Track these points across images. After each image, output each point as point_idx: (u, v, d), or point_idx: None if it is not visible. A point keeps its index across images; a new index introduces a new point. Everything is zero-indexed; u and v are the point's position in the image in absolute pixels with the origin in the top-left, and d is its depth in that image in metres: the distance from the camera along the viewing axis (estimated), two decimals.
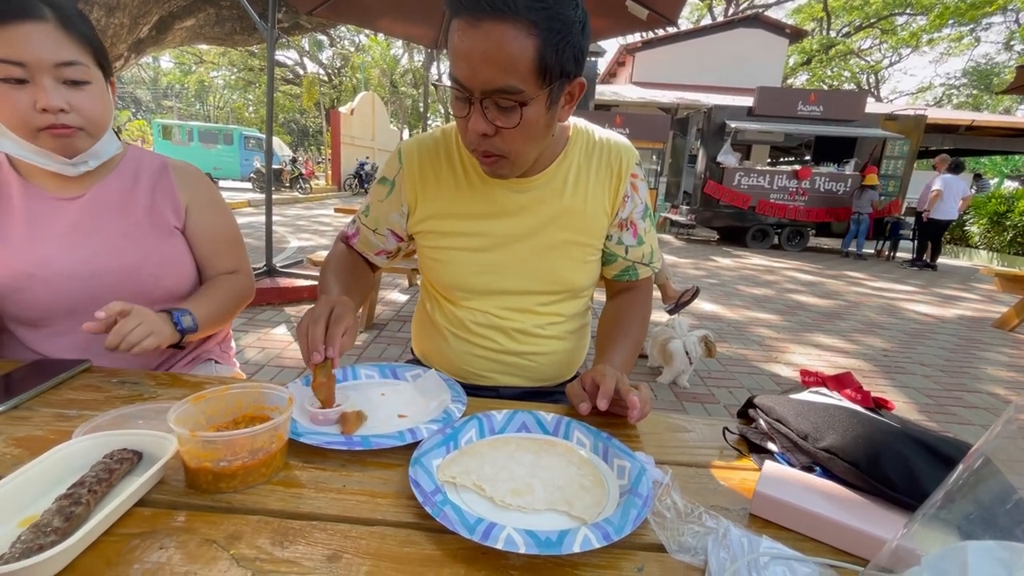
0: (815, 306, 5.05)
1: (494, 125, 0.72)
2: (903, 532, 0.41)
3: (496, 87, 0.68)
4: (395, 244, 1.01)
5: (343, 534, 0.49)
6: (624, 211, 0.93)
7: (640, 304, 1.00)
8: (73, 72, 0.78)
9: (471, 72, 0.68)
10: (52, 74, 0.76)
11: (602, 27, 3.45)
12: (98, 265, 0.90)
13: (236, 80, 32.13)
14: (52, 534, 0.43)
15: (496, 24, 0.65)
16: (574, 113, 0.84)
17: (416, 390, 0.82)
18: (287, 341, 3.12)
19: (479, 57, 0.67)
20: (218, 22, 4.40)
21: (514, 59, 0.66)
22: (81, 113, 0.80)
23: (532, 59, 0.67)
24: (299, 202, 13.82)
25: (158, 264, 0.95)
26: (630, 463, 0.60)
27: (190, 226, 1.01)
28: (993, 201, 9.43)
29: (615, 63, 20.30)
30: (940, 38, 24.79)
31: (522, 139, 0.75)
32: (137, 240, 0.93)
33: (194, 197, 1.02)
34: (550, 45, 0.67)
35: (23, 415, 0.68)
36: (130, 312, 0.79)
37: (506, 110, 0.71)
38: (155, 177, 0.98)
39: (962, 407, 2.78)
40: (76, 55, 0.78)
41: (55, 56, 0.76)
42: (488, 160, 0.78)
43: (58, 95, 0.77)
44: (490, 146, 0.75)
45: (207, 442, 0.54)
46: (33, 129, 0.78)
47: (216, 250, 1.04)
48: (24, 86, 0.75)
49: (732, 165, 9.44)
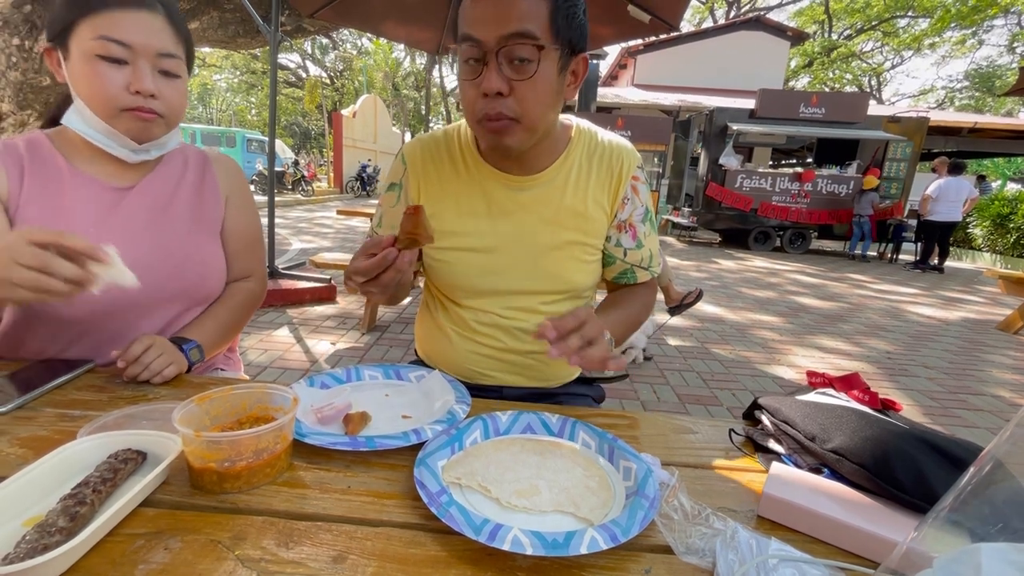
0: (818, 308, 5.03)
1: (508, 82, 0.73)
2: (914, 534, 0.41)
3: (514, 30, 0.70)
4: None
5: (348, 535, 0.49)
6: (623, 213, 0.93)
7: (640, 293, 0.99)
8: (169, 64, 0.82)
9: (486, 23, 0.70)
10: (152, 62, 0.80)
11: (606, 34, 3.46)
12: (150, 261, 0.88)
13: (239, 83, 32.30)
14: (57, 534, 0.43)
15: None
16: (577, 115, 0.84)
17: (420, 391, 0.82)
18: (290, 343, 3.12)
19: (493, 7, 0.70)
20: (221, 25, 4.42)
21: (530, 9, 0.70)
22: (166, 102, 0.83)
23: (547, 14, 0.71)
24: (301, 204, 13.85)
25: (202, 263, 0.95)
26: (636, 464, 0.60)
27: (224, 222, 1.01)
28: (996, 203, 9.40)
29: (616, 66, 20.33)
30: (942, 41, 24.78)
31: (534, 99, 0.75)
32: (183, 238, 0.93)
33: (232, 192, 1.03)
34: (561, 9, 0.72)
35: (28, 415, 0.68)
36: (152, 345, 0.80)
37: (522, 62, 0.72)
38: (200, 171, 0.99)
39: (967, 410, 2.77)
40: (176, 49, 0.83)
41: (160, 45, 0.80)
42: (498, 124, 0.75)
43: (152, 81, 0.80)
44: (503, 107, 0.74)
45: (212, 442, 0.54)
46: (116, 108, 0.80)
47: (240, 250, 1.03)
48: (122, 67, 0.78)
49: (734, 167, 9.43)
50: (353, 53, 27.49)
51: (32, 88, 3.00)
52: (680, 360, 3.27)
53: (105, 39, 0.76)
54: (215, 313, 0.98)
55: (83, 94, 0.80)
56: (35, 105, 3.08)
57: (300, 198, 14.70)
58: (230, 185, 1.03)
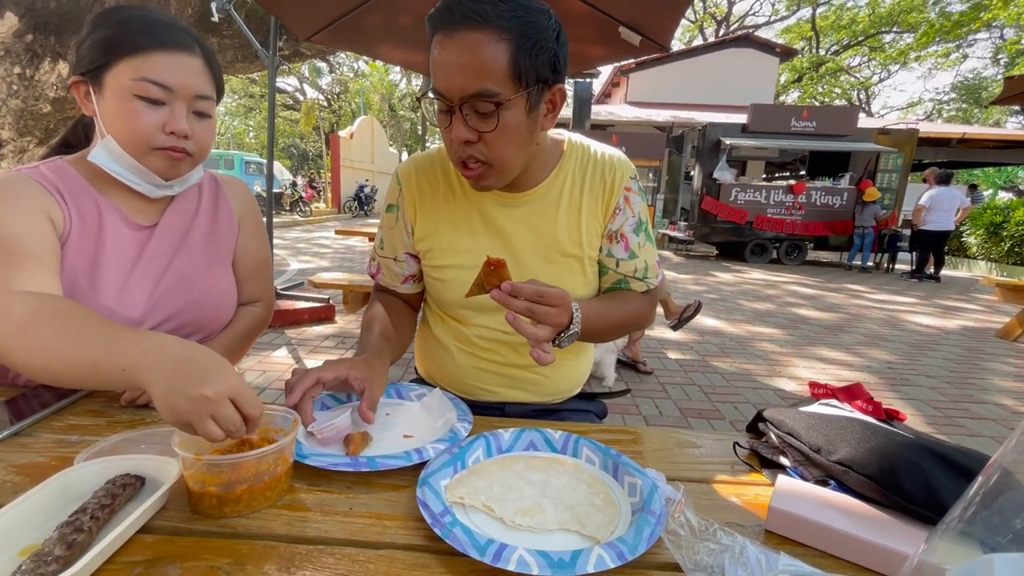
0: (817, 319, 5.03)
1: (476, 131, 0.74)
2: (924, 546, 0.40)
3: (472, 92, 0.71)
4: (416, 266, 1.00)
5: (351, 558, 0.48)
6: (614, 223, 0.92)
7: (632, 298, 0.96)
8: (204, 105, 0.83)
9: (449, 80, 0.71)
10: (188, 103, 0.81)
11: (599, 55, 3.52)
12: (172, 295, 0.89)
13: (237, 107, 32.66)
14: (53, 563, 0.42)
15: (469, 33, 0.69)
16: (571, 130, 0.85)
17: (421, 409, 0.81)
18: (289, 363, 3.10)
19: (455, 65, 0.70)
20: (220, 51, 4.50)
21: (488, 64, 0.70)
22: (197, 142, 0.84)
23: (506, 63, 0.70)
24: (299, 225, 13.91)
25: (219, 295, 0.95)
26: (641, 480, 0.59)
27: (236, 246, 1.01)
28: (989, 212, 9.49)
29: (609, 84, 20.66)
30: (928, 55, 25.28)
31: (504, 145, 0.76)
32: (201, 273, 0.93)
33: (245, 215, 1.03)
34: (523, 50, 0.71)
35: (24, 441, 0.67)
36: None
37: (485, 115, 0.73)
38: (213, 196, 0.99)
39: (970, 419, 2.75)
40: (211, 90, 0.84)
41: (197, 88, 0.80)
42: (473, 171, 0.79)
43: (187, 122, 0.81)
44: (475, 152, 0.76)
45: (212, 465, 0.53)
46: (149, 147, 0.79)
47: (250, 274, 1.03)
48: (159, 107, 0.78)
49: (728, 181, 9.53)
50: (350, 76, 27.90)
51: (32, 115, 3.04)
52: (681, 374, 3.25)
53: (146, 80, 0.76)
54: (220, 337, 0.98)
55: (115, 130, 0.78)
56: (35, 132, 3.11)
57: (298, 219, 14.77)
58: (243, 209, 1.03)
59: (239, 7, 3.63)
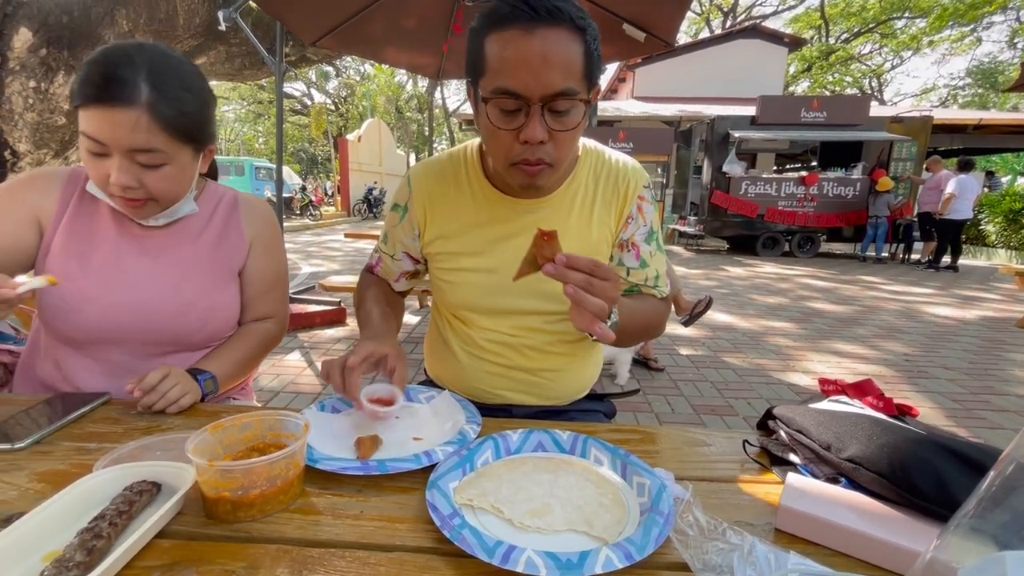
0: (831, 312, 4.97)
1: (549, 131, 0.73)
2: (936, 544, 0.40)
3: (557, 90, 0.69)
4: (412, 266, 1.02)
5: (362, 561, 0.49)
6: (625, 232, 0.92)
7: (653, 301, 0.95)
8: (145, 158, 0.81)
9: (531, 77, 0.68)
10: (127, 156, 0.81)
11: (604, 54, 3.52)
12: (151, 299, 0.92)
13: (246, 113, 33.03)
14: (74, 569, 0.43)
15: (551, 29, 0.68)
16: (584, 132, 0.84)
17: (430, 412, 0.82)
18: (301, 367, 3.14)
19: (539, 62, 0.68)
20: (228, 59, 4.55)
21: (571, 61, 0.69)
22: (150, 190, 0.84)
23: (582, 62, 0.70)
24: (309, 228, 14.04)
25: (208, 308, 0.96)
26: (649, 480, 0.59)
27: (245, 267, 1.03)
28: (1008, 199, 9.28)
29: (616, 80, 20.53)
30: (941, 39, 24.77)
31: (570, 143, 0.76)
32: (195, 280, 0.96)
33: (258, 237, 1.04)
34: (591, 49, 0.71)
35: (45, 450, 0.69)
36: (168, 374, 0.82)
37: (562, 114, 0.72)
38: (227, 214, 1.01)
39: (991, 411, 2.70)
40: (153, 142, 0.80)
41: (131, 143, 0.79)
42: (535, 169, 0.76)
43: (129, 174, 0.81)
44: (543, 154, 0.74)
45: (225, 471, 0.54)
46: (107, 193, 0.84)
47: (261, 293, 1.05)
48: (103, 159, 0.81)
49: (738, 174, 9.43)
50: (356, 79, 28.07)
51: (48, 128, 3.10)
52: (693, 370, 3.23)
53: (84, 134, 0.79)
54: (232, 348, 0.99)
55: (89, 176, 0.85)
56: (51, 144, 3.18)
57: (308, 222, 14.90)
58: (256, 229, 1.04)
59: (245, 15, 3.67)
